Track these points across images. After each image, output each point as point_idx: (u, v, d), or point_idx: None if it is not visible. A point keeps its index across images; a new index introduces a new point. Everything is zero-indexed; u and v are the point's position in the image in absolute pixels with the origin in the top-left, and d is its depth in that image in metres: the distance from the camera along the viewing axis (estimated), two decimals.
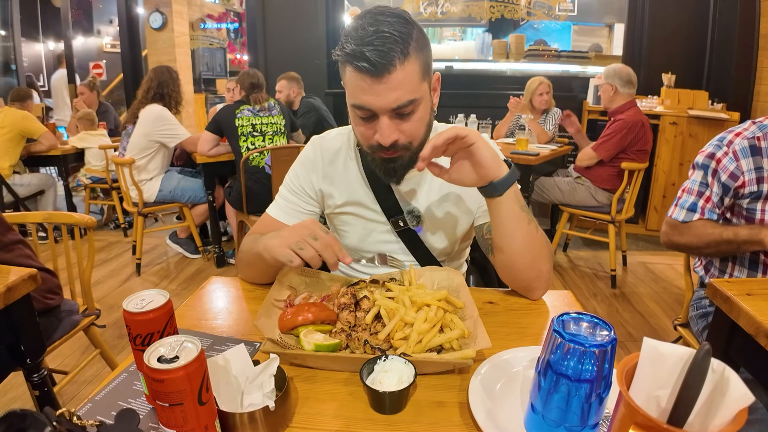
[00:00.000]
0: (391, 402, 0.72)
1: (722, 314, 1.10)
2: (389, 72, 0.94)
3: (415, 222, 1.21)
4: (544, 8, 5.47)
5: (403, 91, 0.97)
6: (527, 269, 1.06)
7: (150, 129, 3.48)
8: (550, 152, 3.61)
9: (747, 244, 1.41)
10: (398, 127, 1.01)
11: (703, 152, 1.56)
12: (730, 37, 4.31)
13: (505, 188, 0.98)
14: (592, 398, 0.60)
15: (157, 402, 0.59)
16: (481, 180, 0.98)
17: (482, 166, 0.96)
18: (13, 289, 1.21)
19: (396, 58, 0.93)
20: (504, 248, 1.05)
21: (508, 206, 1.00)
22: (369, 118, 1.02)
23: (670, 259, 3.87)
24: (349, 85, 1.01)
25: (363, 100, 0.98)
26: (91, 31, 10.14)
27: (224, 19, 9.60)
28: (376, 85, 0.95)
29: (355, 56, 0.93)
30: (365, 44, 0.92)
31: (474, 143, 0.93)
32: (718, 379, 0.51)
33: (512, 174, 0.99)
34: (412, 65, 0.97)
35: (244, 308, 1.08)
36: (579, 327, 0.62)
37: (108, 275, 3.61)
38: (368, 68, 0.93)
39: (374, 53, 0.92)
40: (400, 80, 0.95)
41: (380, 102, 0.97)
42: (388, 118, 0.99)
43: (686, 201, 1.58)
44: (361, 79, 0.96)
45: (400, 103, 0.97)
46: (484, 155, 0.95)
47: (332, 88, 5.20)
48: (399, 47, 0.93)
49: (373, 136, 1.02)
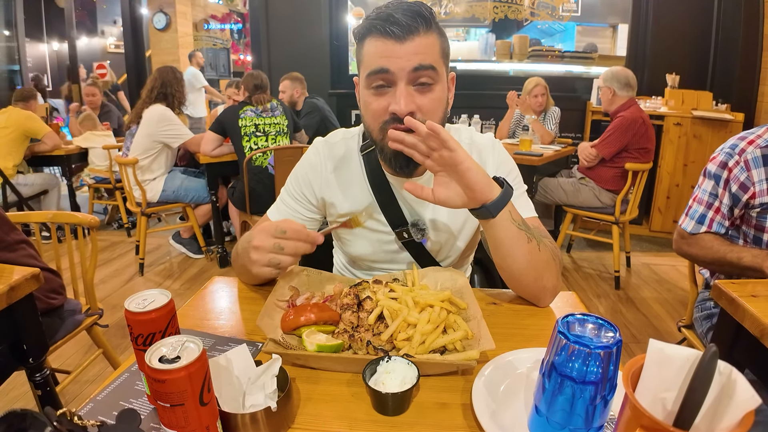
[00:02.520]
0: (393, 403, 0.71)
1: (727, 316, 1.10)
2: (414, 34, 0.95)
3: (420, 235, 1.17)
4: (548, 9, 5.46)
5: (426, 55, 0.96)
6: (531, 285, 1.03)
7: (153, 129, 3.49)
8: (554, 153, 3.60)
9: (749, 271, 1.39)
10: (414, 100, 0.97)
11: (714, 160, 1.52)
12: (734, 38, 4.29)
13: (498, 210, 0.93)
14: (597, 400, 0.59)
15: (159, 402, 0.59)
16: (471, 202, 0.93)
17: (472, 189, 0.90)
18: (16, 289, 1.21)
19: (421, 26, 0.95)
20: (504, 267, 1.02)
21: (504, 227, 0.95)
22: (384, 88, 0.99)
23: (674, 261, 3.86)
24: (368, 56, 0.99)
25: (382, 62, 0.96)
26: (95, 32, 10.19)
27: (228, 19, 9.63)
28: (399, 47, 0.95)
29: (382, 18, 0.95)
30: (393, 9, 0.95)
31: (462, 163, 0.88)
32: (725, 381, 0.50)
33: (505, 194, 0.93)
34: (434, 38, 0.98)
35: (247, 308, 1.08)
36: (584, 328, 0.62)
37: (111, 275, 3.62)
38: (395, 31, 0.94)
39: (403, 15, 0.94)
40: (424, 45, 0.96)
41: (401, 63, 0.95)
42: (406, 85, 0.97)
43: (696, 212, 1.56)
44: (384, 43, 0.96)
45: (422, 63, 0.95)
46: (474, 178, 0.89)
47: (335, 88, 5.19)
48: (424, 17, 0.96)
49: (386, 110, 0.99)
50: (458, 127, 1.22)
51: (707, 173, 1.54)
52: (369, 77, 0.99)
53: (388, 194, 1.16)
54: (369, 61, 0.99)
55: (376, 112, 1.01)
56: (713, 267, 1.55)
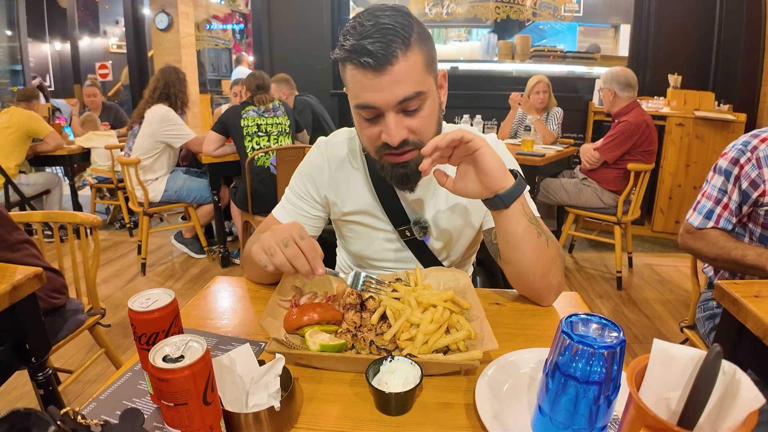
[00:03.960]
0: (397, 403, 0.71)
1: (730, 316, 1.09)
2: (392, 64, 0.90)
3: (422, 233, 1.18)
4: (550, 9, 5.46)
5: (408, 83, 0.92)
6: (537, 282, 1.02)
7: (156, 129, 3.49)
8: (556, 153, 3.60)
9: (752, 269, 1.39)
10: (406, 125, 0.96)
11: (726, 156, 1.51)
12: (736, 38, 4.29)
13: (512, 200, 0.93)
14: (601, 400, 0.59)
15: (162, 402, 0.59)
16: (486, 191, 0.93)
17: (486, 174, 0.91)
18: (18, 288, 1.21)
19: (398, 49, 0.90)
20: (512, 261, 1.01)
21: (516, 219, 0.95)
22: (374, 119, 0.98)
23: (677, 261, 3.85)
24: (351, 86, 0.97)
25: (366, 98, 0.94)
26: (97, 32, 10.20)
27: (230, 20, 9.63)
28: (378, 80, 0.91)
29: (355, 51, 0.90)
30: (365, 38, 0.89)
31: (479, 149, 0.89)
32: (728, 381, 0.50)
33: (519, 185, 0.94)
34: (415, 57, 0.92)
35: (250, 308, 1.08)
36: (588, 328, 0.62)
37: (113, 275, 3.62)
38: (370, 62, 0.89)
39: (375, 45, 0.88)
40: (404, 72, 0.91)
41: (384, 97, 0.92)
42: (395, 114, 0.94)
43: (704, 207, 1.55)
44: (363, 75, 0.92)
45: (405, 95, 0.92)
46: (489, 163, 0.90)
47: (337, 88, 5.20)
48: (400, 38, 0.90)
49: (379, 137, 0.98)
50: (460, 127, 1.22)
51: (718, 169, 1.53)
52: (356, 108, 0.99)
53: (391, 194, 1.17)
54: (352, 91, 0.97)
55: (370, 138, 1.01)
56: (716, 263, 1.55)
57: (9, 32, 7.39)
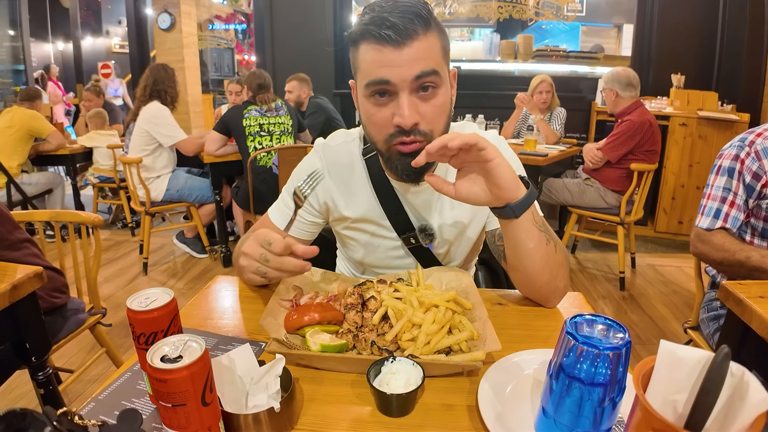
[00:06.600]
0: (398, 404, 0.70)
1: (734, 317, 1.09)
2: (412, 39, 0.88)
3: (428, 240, 1.15)
4: (553, 9, 5.44)
5: (427, 60, 0.90)
6: (544, 287, 1.00)
7: (147, 126, 3.52)
8: (559, 153, 3.59)
9: (756, 272, 1.39)
10: (418, 110, 0.92)
11: (724, 155, 1.54)
12: (739, 38, 4.27)
13: (523, 210, 0.88)
14: (606, 402, 0.58)
15: (161, 402, 0.58)
16: (496, 201, 0.88)
17: (499, 187, 0.85)
18: (18, 287, 1.21)
19: (420, 27, 0.88)
20: (519, 268, 0.98)
21: (526, 227, 0.91)
22: (387, 98, 0.93)
23: (680, 262, 3.84)
24: (365, 63, 0.93)
25: (382, 72, 0.90)
26: (99, 32, 10.24)
27: (232, 19, 9.65)
28: (397, 54, 0.88)
29: (375, 23, 0.88)
30: (387, 11, 0.88)
31: (492, 160, 0.82)
32: (737, 383, 0.49)
33: (530, 195, 0.89)
34: (434, 38, 0.91)
35: (250, 308, 1.07)
36: (592, 329, 0.61)
37: (115, 274, 3.62)
38: (390, 35, 0.87)
39: (398, 17, 0.87)
40: (424, 49, 0.89)
41: (402, 72, 0.89)
42: (408, 94, 0.91)
43: (711, 208, 1.56)
44: (381, 51, 0.89)
45: (424, 69, 0.89)
46: (503, 175, 0.84)
47: (340, 88, 5.20)
48: (422, 17, 0.89)
49: (390, 119, 0.93)
50: (463, 124, 1.20)
51: (720, 170, 1.55)
52: (368, 87, 0.94)
53: (394, 200, 1.13)
54: (366, 69, 0.93)
55: (380, 124, 0.96)
56: (722, 267, 1.54)
57: (11, 32, 7.40)
